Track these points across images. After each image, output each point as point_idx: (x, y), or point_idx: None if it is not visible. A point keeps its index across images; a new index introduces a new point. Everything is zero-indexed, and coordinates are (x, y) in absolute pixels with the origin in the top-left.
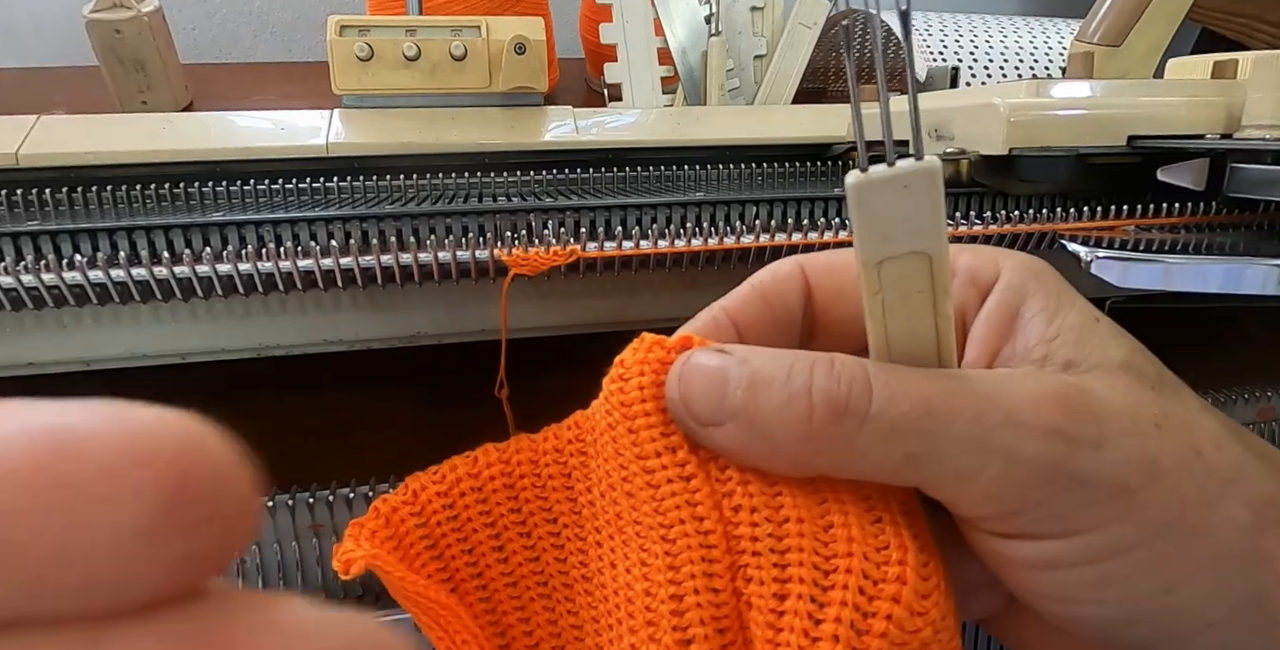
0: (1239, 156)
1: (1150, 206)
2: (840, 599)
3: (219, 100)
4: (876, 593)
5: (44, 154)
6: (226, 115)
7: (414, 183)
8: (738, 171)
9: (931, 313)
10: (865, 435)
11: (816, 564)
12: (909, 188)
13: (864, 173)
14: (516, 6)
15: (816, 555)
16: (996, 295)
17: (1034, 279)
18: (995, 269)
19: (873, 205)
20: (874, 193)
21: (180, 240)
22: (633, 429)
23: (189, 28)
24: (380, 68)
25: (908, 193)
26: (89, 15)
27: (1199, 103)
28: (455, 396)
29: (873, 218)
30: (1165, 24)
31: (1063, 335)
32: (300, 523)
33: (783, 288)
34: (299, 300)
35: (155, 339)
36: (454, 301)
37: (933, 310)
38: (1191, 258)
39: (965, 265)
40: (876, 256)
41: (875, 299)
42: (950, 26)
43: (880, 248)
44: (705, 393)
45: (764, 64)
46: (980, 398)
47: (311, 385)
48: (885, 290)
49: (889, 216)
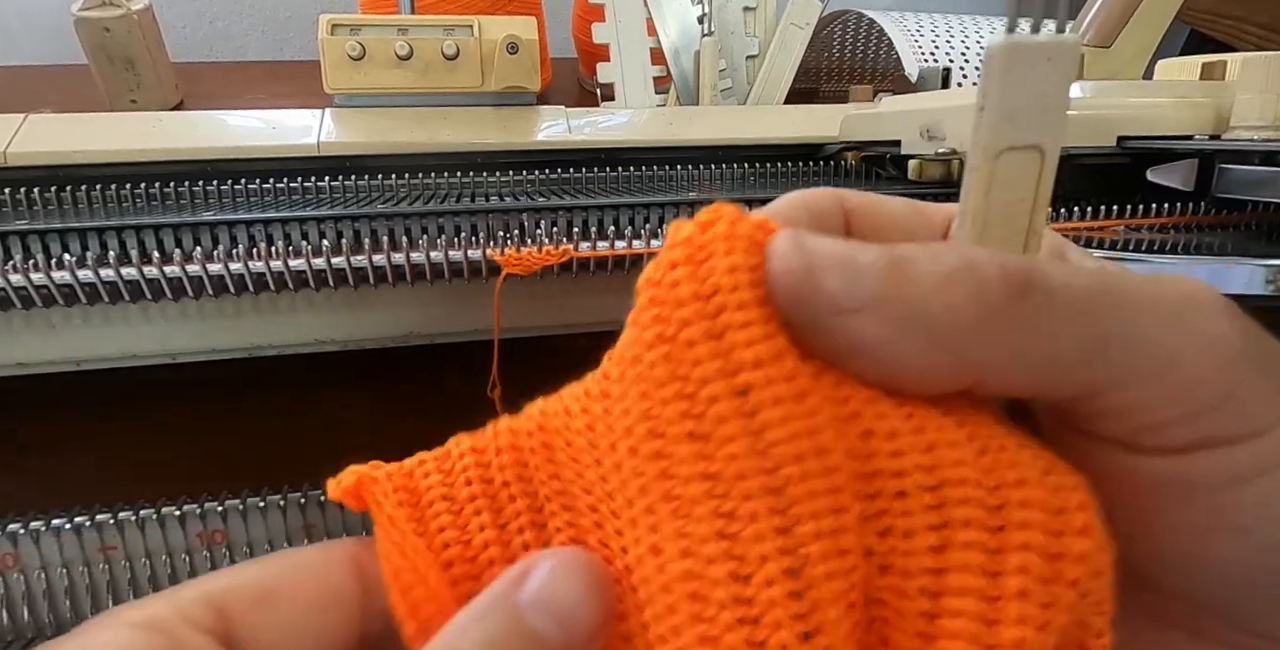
0: (1227, 157)
1: (1140, 207)
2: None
3: (209, 99)
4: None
5: (32, 153)
6: (217, 114)
7: (406, 182)
8: (730, 171)
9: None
10: (1054, 312)
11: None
12: (1051, 61)
13: (1010, 35)
14: (509, 6)
15: (982, 490)
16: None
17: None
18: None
19: (1011, 77)
20: (1017, 62)
21: (170, 240)
22: (715, 332)
23: (179, 26)
24: (372, 67)
25: (1049, 67)
26: (78, 13)
27: (1188, 104)
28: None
29: (1008, 92)
30: (1155, 25)
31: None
32: (292, 523)
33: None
34: (290, 300)
35: (146, 339)
36: (446, 301)
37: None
38: (1180, 258)
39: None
40: (1000, 143)
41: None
42: (941, 27)
43: (1006, 133)
44: (837, 270)
45: (756, 64)
46: (1149, 280)
47: (301, 385)
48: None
49: (1024, 93)
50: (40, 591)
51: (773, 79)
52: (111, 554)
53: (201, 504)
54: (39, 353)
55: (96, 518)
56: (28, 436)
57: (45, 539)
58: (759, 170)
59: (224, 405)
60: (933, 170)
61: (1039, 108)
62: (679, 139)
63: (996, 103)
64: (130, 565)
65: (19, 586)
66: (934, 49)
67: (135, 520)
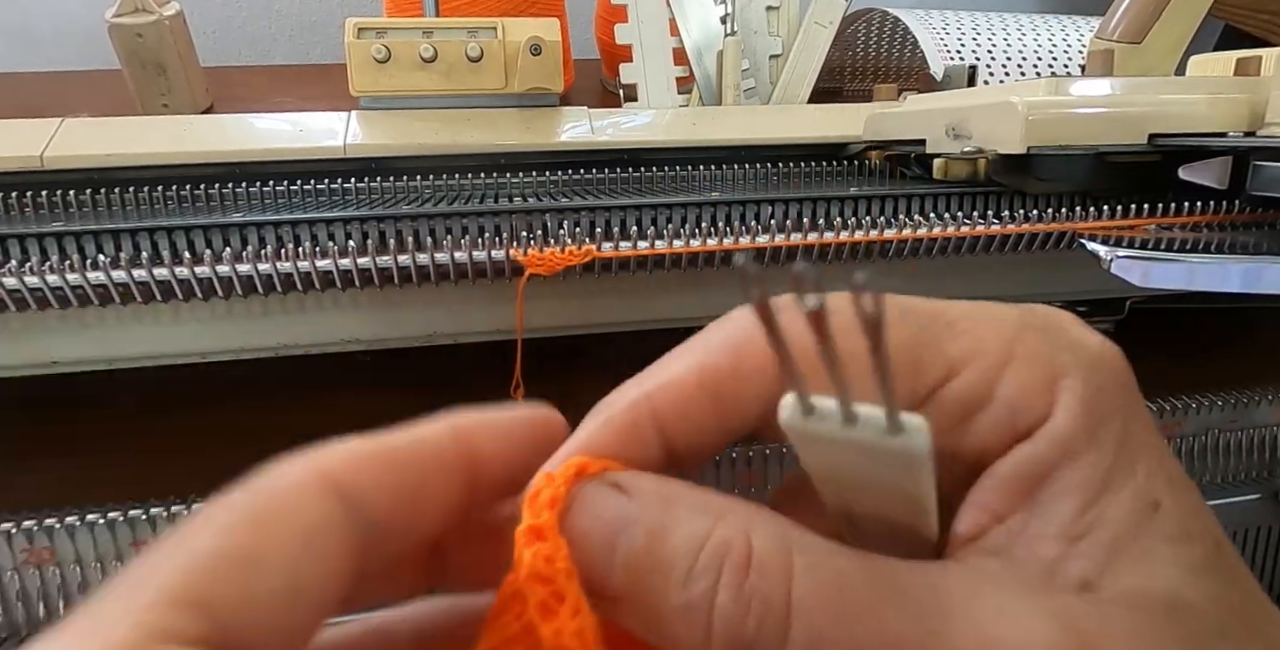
0: (1262, 154)
1: (1171, 205)
2: None
3: (239, 102)
4: None
5: (68, 156)
6: (246, 117)
7: (430, 183)
8: (753, 171)
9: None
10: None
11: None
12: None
13: (804, 414)
14: (532, 8)
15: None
16: (1033, 445)
17: (1093, 429)
18: (1047, 405)
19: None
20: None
21: (200, 241)
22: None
23: (209, 31)
24: (397, 69)
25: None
26: (111, 19)
27: (1221, 100)
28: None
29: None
30: (1187, 21)
31: (1096, 532)
32: None
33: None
34: (317, 300)
35: (176, 338)
36: (470, 301)
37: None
38: (1213, 257)
39: (1007, 394)
40: (839, 508)
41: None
42: (968, 24)
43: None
44: (589, 558)
45: (779, 64)
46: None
47: (328, 385)
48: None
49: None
50: (76, 585)
51: (796, 78)
52: (144, 549)
53: None
54: (72, 352)
55: (129, 513)
56: (61, 434)
57: (80, 534)
58: (782, 170)
59: (252, 403)
60: (958, 169)
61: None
62: (702, 139)
63: (814, 476)
64: None
65: (55, 580)
66: (960, 46)
67: (166, 516)
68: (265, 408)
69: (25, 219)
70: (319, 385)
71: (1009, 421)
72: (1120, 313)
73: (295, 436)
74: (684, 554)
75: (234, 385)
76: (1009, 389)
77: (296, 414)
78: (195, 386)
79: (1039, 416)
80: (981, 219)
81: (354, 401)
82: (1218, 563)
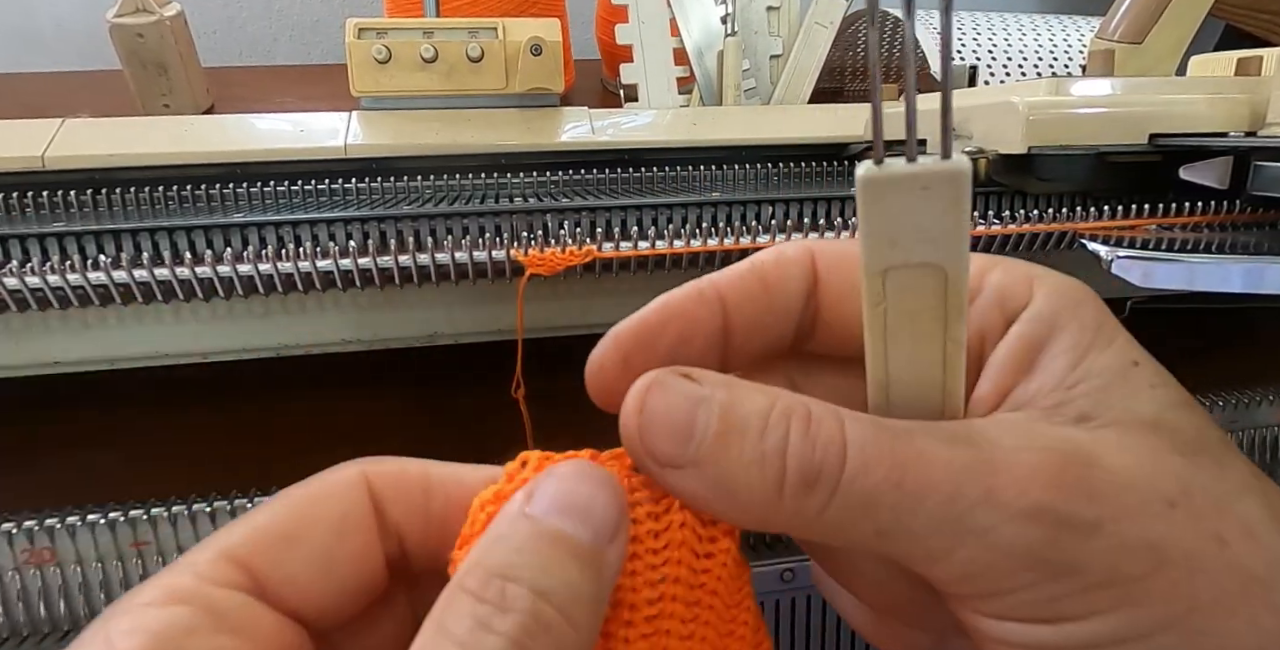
0: (1263, 154)
1: (1172, 205)
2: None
3: (239, 103)
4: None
5: (69, 156)
6: (247, 117)
7: (431, 183)
8: (754, 172)
9: (941, 336)
10: (835, 508)
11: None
12: (928, 190)
13: (878, 166)
14: (533, 8)
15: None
16: (1023, 324)
17: (1070, 309)
18: (1027, 292)
19: (884, 205)
20: (887, 191)
21: (201, 241)
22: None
23: (210, 31)
24: (398, 70)
25: (926, 196)
26: (112, 20)
27: (1222, 100)
28: (472, 396)
29: (882, 220)
30: (1188, 21)
31: (1087, 381)
32: None
33: (786, 273)
34: (317, 300)
35: (177, 338)
36: (471, 301)
37: (942, 333)
38: (1214, 257)
39: (994, 284)
40: (881, 264)
41: (877, 312)
42: (968, 24)
43: (887, 255)
44: (668, 431)
45: (780, 64)
46: (960, 469)
47: (328, 385)
48: (890, 304)
49: (901, 221)
50: (76, 585)
51: (797, 78)
52: (144, 549)
53: (232, 501)
54: (73, 352)
55: (130, 514)
56: (62, 433)
57: (81, 534)
58: (783, 170)
59: (253, 403)
60: None
61: (926, 235)
62: (702, 139)
63: (869, 230)
64: (163, 560)
65: (56, 580)
66: (960, 47)
67: (168, 516)
68: (265, 408)
69: (26, 219)
70: (319, 385)
71: (999, 305)
72: (1120, 313)
73: (296, 436)
74: (757, 417)
75: (234, 385)
76: (995, 279)
77: (296, 414)
78: (195, 386)
79: (1021, 302)
80: (982, 219)
81: (354, 401)
82: (1193, 405)
